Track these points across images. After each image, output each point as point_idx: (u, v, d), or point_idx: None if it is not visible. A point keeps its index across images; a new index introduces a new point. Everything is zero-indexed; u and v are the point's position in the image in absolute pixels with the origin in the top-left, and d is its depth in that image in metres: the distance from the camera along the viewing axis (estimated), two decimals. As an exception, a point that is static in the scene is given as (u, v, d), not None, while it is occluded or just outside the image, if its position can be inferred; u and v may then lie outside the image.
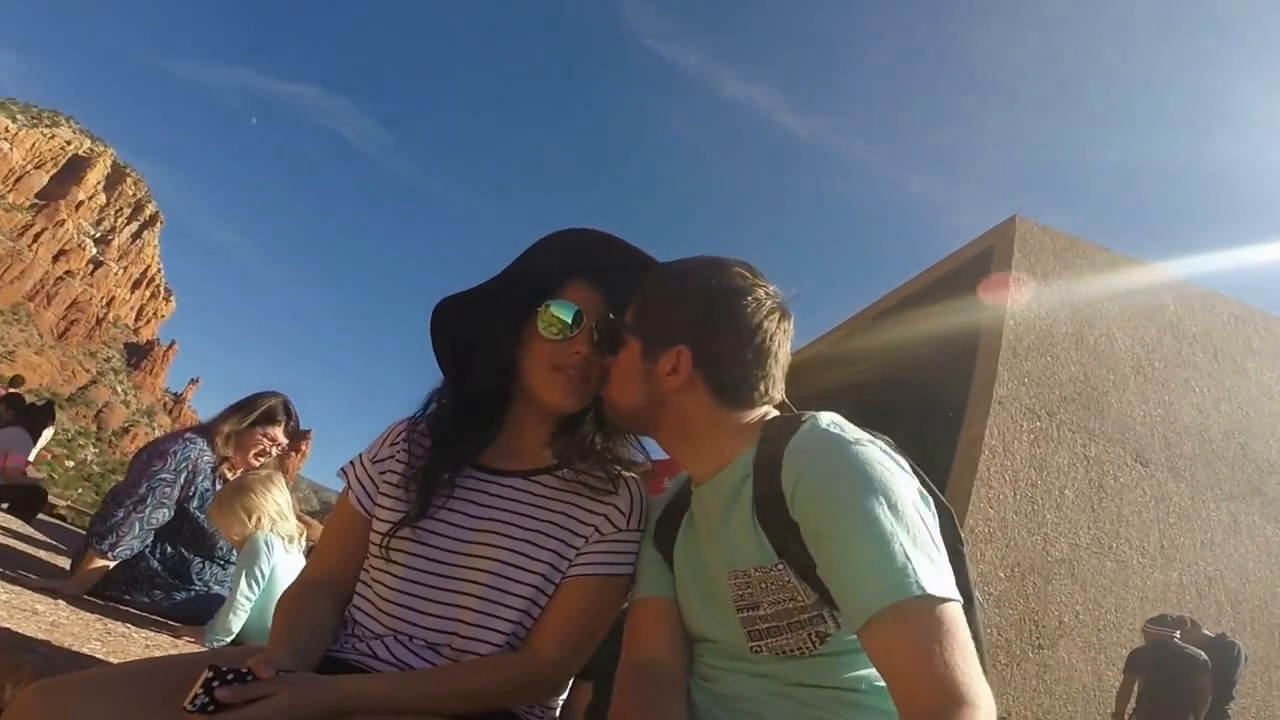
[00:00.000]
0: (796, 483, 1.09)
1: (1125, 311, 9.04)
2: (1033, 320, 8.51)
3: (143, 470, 3.00)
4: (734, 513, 1.21)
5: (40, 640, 1.80)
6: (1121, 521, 7.70)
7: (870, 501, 1.02)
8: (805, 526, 1.08)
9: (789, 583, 1.12)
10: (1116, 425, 8.31)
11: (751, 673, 1.19)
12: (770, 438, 1.21)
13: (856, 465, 1.06)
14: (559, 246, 1.46)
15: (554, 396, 1.41)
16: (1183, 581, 7.58)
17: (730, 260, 1.33)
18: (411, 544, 1.35)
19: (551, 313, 1.40)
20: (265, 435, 3.29)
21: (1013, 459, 7.73)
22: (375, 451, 1.49)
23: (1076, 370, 8.50)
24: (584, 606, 1.35)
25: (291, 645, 1.23)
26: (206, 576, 3.14)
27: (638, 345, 1.31)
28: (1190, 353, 8.99)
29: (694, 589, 1.30)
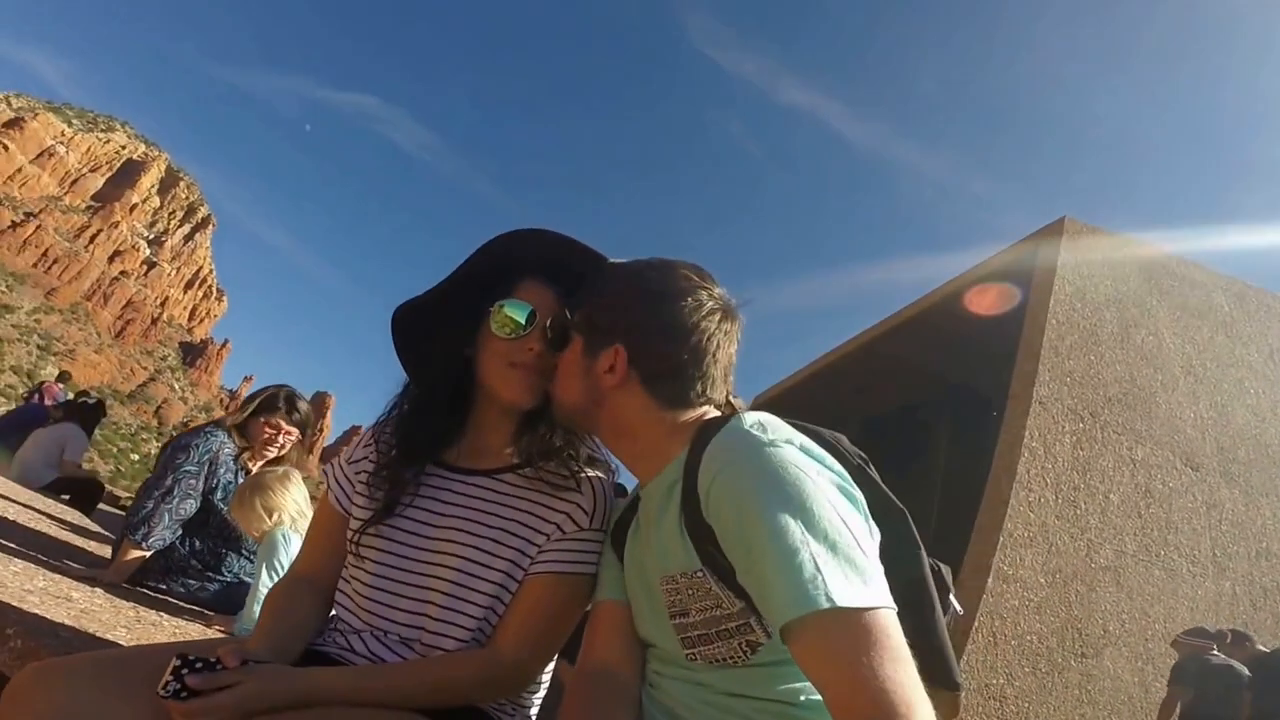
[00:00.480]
0: (710, 486, 1.08)
1: (1175, 310, 8.77)
2: (1077, 319, 8.26)
3: (168, 463, 3.15)
4: (666, 516, 1.20)
5: (66, 626, 1.86)
6: (1170, 528, 7.44)
7: (780, 508, 0.98)
8: (720, 531, 1.06)
9: (711, 590, 1.11)
10: (1165, 428, 8.03)
11: (689, 680, 1.19)
12: (700, 442, 1.19)
13: (769, 469, 1.02)
14: (510, 245, 1.47)
15: (510, 393, 1.44)
16: (1235, 592, 7.29)
17: (677, 262, 1.34)
18: (380, 541, 1.41)
19: (505, 312, 1.42)
20: (267, 424, 3.37)
21: (1054, 461, 7.50)
22: (351, 453, 1.56)
23: (1122, 370, 8.24)
24: (545, 604, 1.37)
25: (270, 638, 1.29)
26: (235, 568, 3.25)
27: (580, 343, 1.34)
28: (1245, 353, 8.68)
29: (640, 593, 1.30)
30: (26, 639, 1.68)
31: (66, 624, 1.88)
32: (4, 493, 4.62)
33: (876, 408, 12.21)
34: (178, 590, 3.11)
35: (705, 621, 1.12)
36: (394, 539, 1.41)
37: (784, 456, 1.04)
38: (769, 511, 0.98)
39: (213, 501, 3.22)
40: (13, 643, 1.67)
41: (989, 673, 6.20)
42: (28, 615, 1.84)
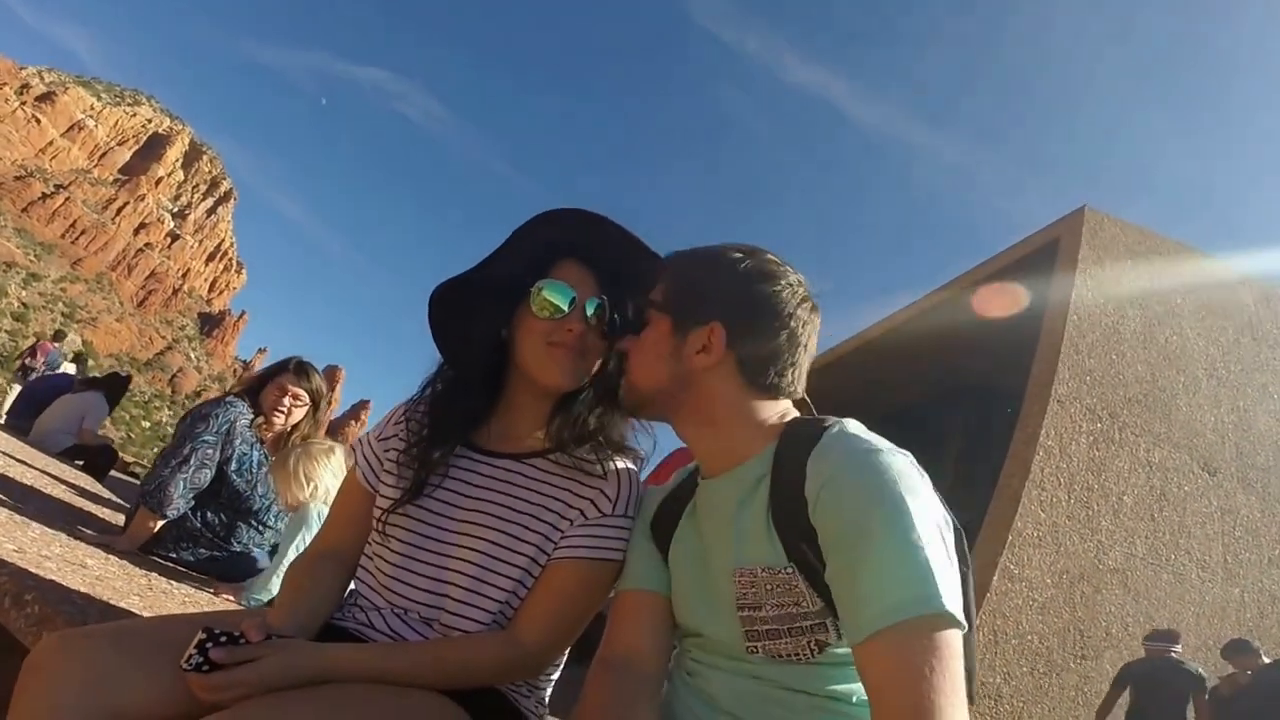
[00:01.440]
0: (821, 489, 1.07)
1: (1200, 310, 8.68)
2: (1098, 316, 8.16)
3: (187, 432, 3.16)
4: (747, 510, 1.20)
5: (80, 593, 1.88)
6: (1183, 532, 7.44)
7: (901, 512, 0.99)
8: (825, 532, 1.06)
9: (796, 587, 1.11)
10: (1184, 430, 7.98)
11: (742, 673, 1.18)
12: (792, 440, 1.19)
13: (888, 476, 1.03)
14: (550, 225, 1.46)
15: (550, 374, 1.43)
16: (1244, 599, 7.29)
17: (762, 248, 1.32)
18: (407, 520, 1.41)
19: (544, 293, 1.42)
20: (275, 385, 3.38)
21: (1069, 461, 7.45)
22: (381, 430, 1.56)
23: (1143, 370, 8.17)
24: (567, 589, 1.37)
25: (292, 612, 1.30)
26: (245, 539, 3.27)
27: (666, 322, 1.29)
28: (1270, 356, 8.61)
29: (691, 583, 1.29)
30: (43, 605, 1.68)
31: (81, 591, 1.89)
32: (22, 457, 4.72)
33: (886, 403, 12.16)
34: (187, 559, 3.15)
35: (779, 617, 1.13)
36: (420, 519, 1.41)
37: (899, 465, 1.05)
38: (892, 515, 0.99)
39: (227, 472, 3.22)
40: (30, 609, 1.69)
41: (987, 671, 6.24)
42: (44, 581, 1.85)
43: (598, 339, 1.44)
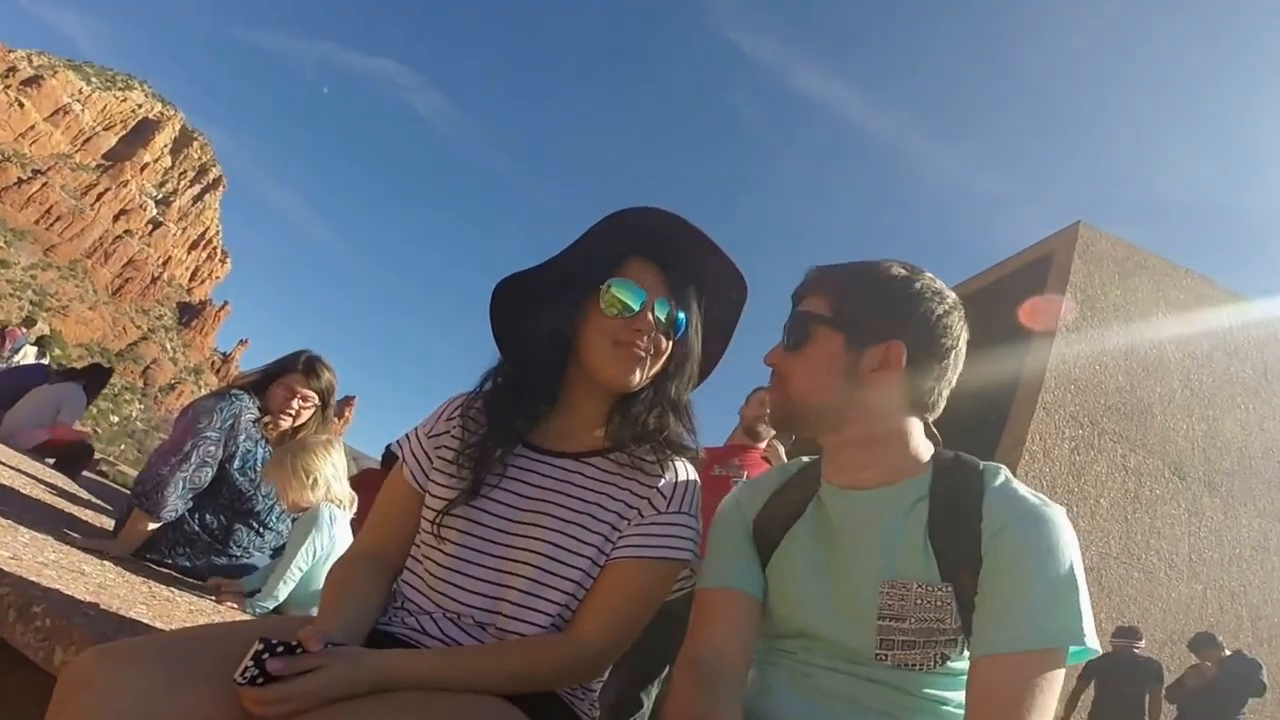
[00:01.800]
0: (1002, 530, 1.15)
1: (1179, 325, 9.13)
2: (1086, 328, 8.61)
3: (188, 428, 2.96)
4: (902, 527, 1.24)
5: (89, 603, 1.79)
6: (1153, 533, 7.91)
7: (1063, 561, 1.12)
8: (996, 564, 1.14)
9: (947, 605, 1.17)
10: (1158, 437, 8.46)
11: (862, 675, 1.23)
12: (951, 474, 1.26)
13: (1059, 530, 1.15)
14: (623, 224, 1.45)
15: (615, 373, 1.40)
16: (1206, 595, 7.79)
17: (919, 266, 1.34)
18: (463, 521, 1.37)
19: (614, 291, 1.40)
20: (281, 386, 3.16)
21: (1052, 465, 7.89)
22: (431, 426, 1.51)
23: (1124, 380, 8.62)
24: (626, 589, 1.35)
25: (340, 619, 1.25)
26: (245, 542, 3.07)
27: (838, 338, 1.29)
28: (1240, 369, 9.14)
29: (811, 586, 1.30)
30: (54, 618, 1.57)
31: (88, 600, 1.79)
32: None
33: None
34: (182, 564, 2.91)
35: (919, 630, 1.18)
36: (478, 520, 1.37)
37: (1063, 523, 1.17)
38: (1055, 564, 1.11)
39: (229, 471, 3.01)
40: (39, 621, 1.57)
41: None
42: (50, 591, 1.74)
43: (664, 340, 1.43)
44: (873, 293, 1.30)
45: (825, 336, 1.30)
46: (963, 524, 1.19)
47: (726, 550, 1.39)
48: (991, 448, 8.12)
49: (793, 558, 1.33)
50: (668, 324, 1.43)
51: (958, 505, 1.21)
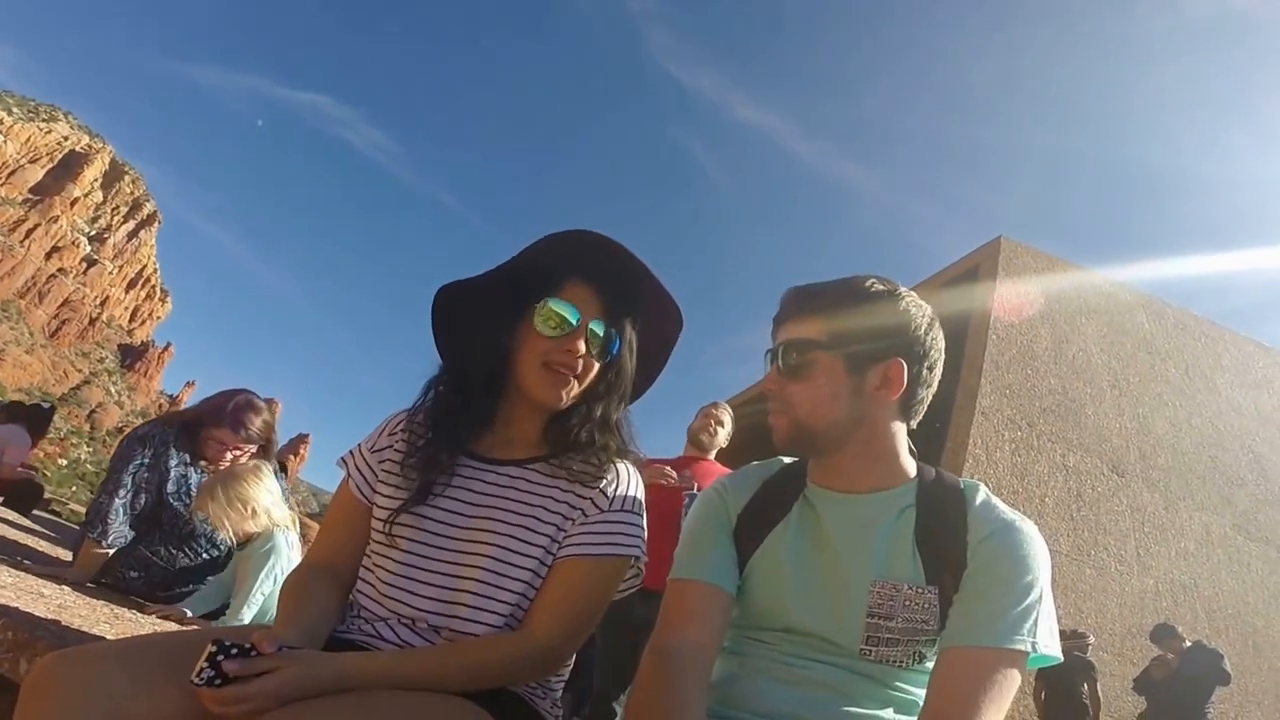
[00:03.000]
0: (987, 538, 1.21)
1: (1102, 328, 9.22)
2: (1014, 335, 8.64)
3: (124, 456, 2.96)
4: (892, 531, 1.27)
5: (50, 620, 1.79)
6: (1100, 529, 7.81)
7: (1033, 571, 1.18)
8: (977, 567, 1.20)
9: (929, 606, 1.21)
10: (1094, 436, 8.43)
11: (845, 668, 1.24)
12: (935, 488, 1.31)
13: (1035, 543, 1.21)
14: (561, 245, 1.43)
15: (542, 393, 1.40)
16: (1159, 589, 7.69)
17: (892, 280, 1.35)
18: (411, 530, 1.36)
19: (550, 309, 1.39)
20: (211, 438, 3.06)
21: (995, 468, 7.80)
22: (374, 441, 1.50)
23: (1055, 383, 8.63)
24: (573, 586, 1.34)
25: (297, 625, 1.23)
26: (191, 566, 3.02)
27: (838, 361, 1.28)
28: (1164, 368, 9.16)
29: (800, 583, 1.30)
30: (18, 631, 1.59)
31: (50, 618, 1.80)
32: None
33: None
34: (139, 586, 2.92)
35: (905, 629, 1.21)
36: (426, 528, 1.36)
37: (1038, 537, 1.23)
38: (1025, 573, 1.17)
39: (164, 496, 2.97)
40: (3, 634, 1.59)
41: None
42: (11, 609, 1.75)
43: (595, 361, 1.42)
44: (864, 314, 1.30)
45: (826, 362, 1.29)
46: (949, 533, 1.23)
47: (704, 543, 1.38)
48: (938, 453, 8.05)
49: (779, 555, 1.33)
50: (601, 345, 1.41)
51: (944, 516, 1.25)
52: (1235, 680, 6.79)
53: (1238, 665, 7.04)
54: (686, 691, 1.17)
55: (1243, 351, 9.66)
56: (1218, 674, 6.55)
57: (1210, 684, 6.57)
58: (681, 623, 1.29)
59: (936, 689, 1.13)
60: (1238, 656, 7.42)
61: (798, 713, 1.21)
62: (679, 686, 1.17)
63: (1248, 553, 8.32)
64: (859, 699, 1.22)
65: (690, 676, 1.20)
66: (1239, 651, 7.55)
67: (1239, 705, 7.40)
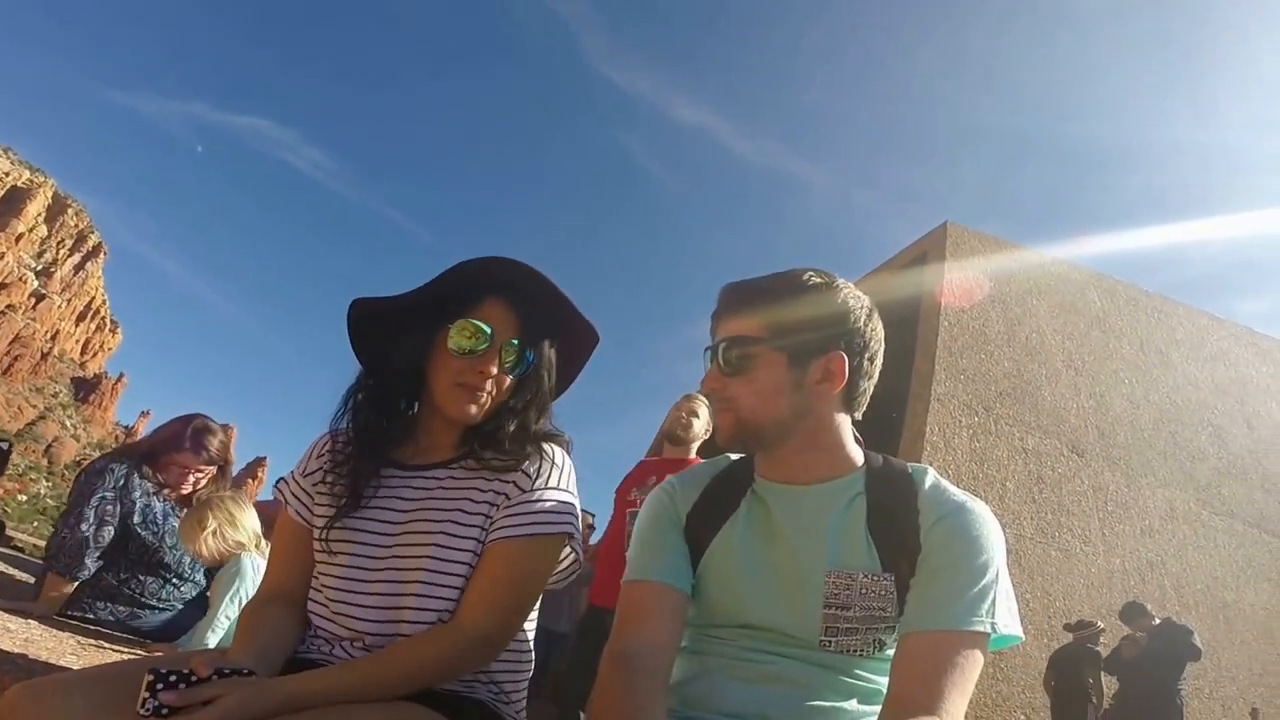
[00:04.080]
0: (938, 521, 1.20)
1: (1053, 308, 9.02)
2: (966, 320, 8.42)
3: (84, 489, 2.96)
4: (844, 520, 1.25)
5: (17, 654, 1.82)
6: (1062, 511, 7.53)
7: (986, 551, 1.17)
8: (931, 549, 1.19)
9: (886, 593, 1.19)
10: (1051, 418, 8.19)
11: (807, 660, 1.22)
12: (883, 474, 1.30)
13: (986, 522, 1.21)
14: (476, 267, 1.43)
15: (454, 410, 1.41)
16: (1125, 568, 7.42)
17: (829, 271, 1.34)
18: (346, 542, 1.38)
19: (459, 332, 1.39)
20: (173, 463, 3.12)
21: (954, 454, 7.53)
22: (304, 465, 1.52)
23: (1010, 366, 8.40)
24: (499, 570, 1.33)
25: (247, 649, 1.25)
26: (164, 594, 3.06)
27: (780, 356, 1.27)
28: (1118, 346, 8.97)
29: (754, 579, 1.28)
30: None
31: (17, 651, 1.82)
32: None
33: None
34: (106, 619, 2.92)
35: (863, 618, 1.19)
36: (360, 539, 1.37)
37: (989, 517, 1.22)
38: (979, 553, 1.16)
39: (130, 526, 2.98)
40: None
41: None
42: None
43: (506, 378, 1.42)
44: (803, 307, 1.29)
45: (767, 357, 1.29)
46: (901, 518, 1.23)
47: (655, 544, 1.36)
48: (896, 443, 7.76)
49: (731, 551, 1.31)
50: (514, 360, 1.42)
51: (894, 502, 1.25)
52: (1209, 656, 6.58)
53: (1209, 640, 6.82)
54: (647, 694, 1.13)
55: (1196, 325, 9.53)
56: (1188, 649, 6.32)
57: (1181, 660, 6.35)
58: (638, 624, 1.26)
59: (899, 675, 1.11)
60: (1209, 631, 7.19)
61: (761, 710, 1.18)
62: (639, 689, 1.14)
63: (1213, 527, 8.11)
64: (821, 691, 1.20)
65: (650, 678, 1.17)
66: (1210, 626, 7.31)
67: (1213, 681, 7.14)
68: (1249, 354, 9.74)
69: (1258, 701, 7.21)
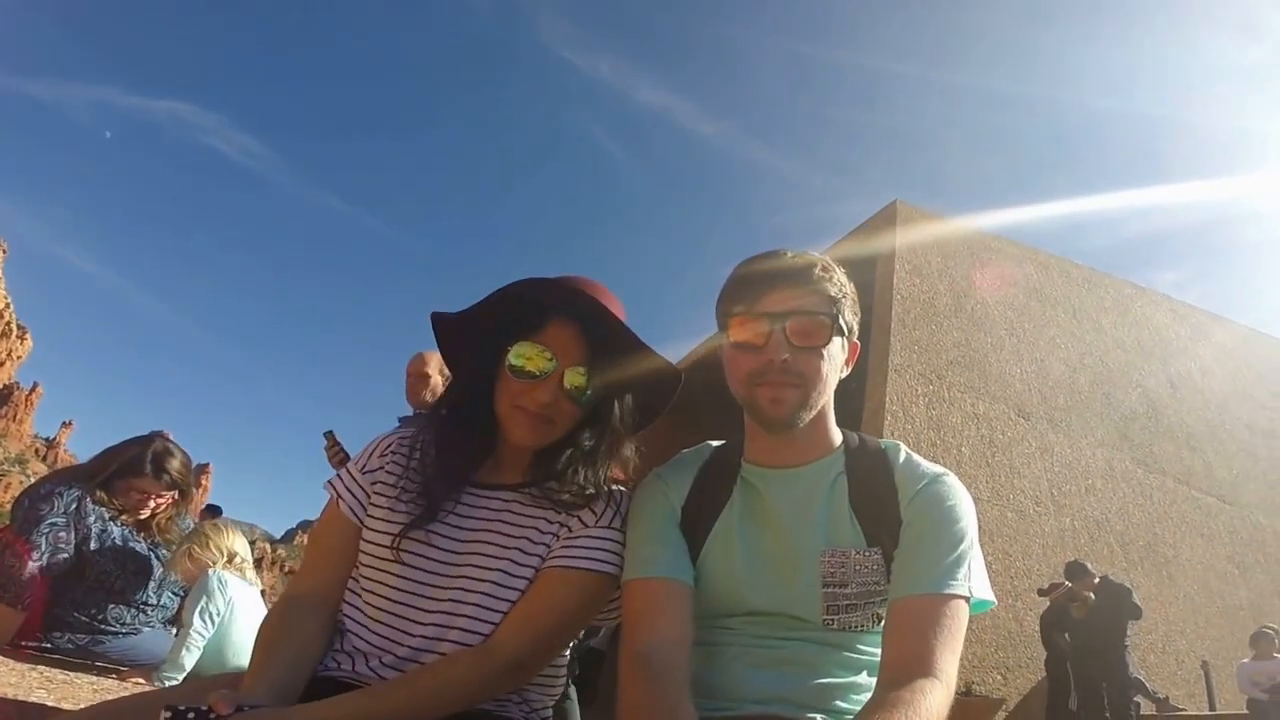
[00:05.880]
0: (916, 494, 1.21)
1: (994, 280, 9.20)
2: (917, 294, 8.58)
3: (29, 516, 2.75)
4: (830, 500, 1.26)
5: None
6: (1014, 473, 7.72)
7: (960, 519, 1.18)
8: (913, 519, 1.20)
9: (878, 567, 1.20)
10: (998, 384, 8.39)
11: (812, 641, 1.22)
12: (860, 452, 1.30)
13: (958, 492, 1.22)
14: (548, 286, 1.36)
15: (514, 434, 1.34)
16: (1075, 526, 7.65)
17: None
18: (408, 554, 1.31)
19: (520, 349, 1.32)
20: (132, 489, 2.92)
21: (912, 422, 7.69)
22: (364, 463, 1.44)
23: (959, 336, 8.60)
24: (543, 597, 1.29)
25: (268, 676, 1.18)
26: (127, 619, 2.89)
27: (839, 337, 1.26)
28: (1054, 314, 9.26)
29: (755, 566, 1.27)
30: None
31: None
32: None
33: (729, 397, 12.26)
34: (65, 647, 2.75)
35: (860, 594, 1.20)
36: (427, 555, 1.31)
37: (960, 487, 1.23)
38: (955, 522, 1.18)
39: (86, 552, 2.78)
40: None
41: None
42: None
43: (570, 406, 1.32)
44: (847, 290, 1.30)
45: (833, 335, 1.26)
46: (880, 494, 1.24)
47: (656, 539, 1.32)
48: (858, 414, 7.83)
49: (731, 542, 1.29)
50: (576, 391, 1.32)
51: (873, 479, 1.26)
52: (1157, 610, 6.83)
53: (1155, 596, 7.09)
54: (675, 695, 1.11)
55: (1122, 293, 9.92)
56: (1130, 610, 6.43)
57: (1123, 620, 6.44)
58: (652, 622, 1.22)
59: (891, 639, 1.11)
60: (1155, 587, 7.49)
61: (779, 694, 1.17)
62: (667, 689, 1.11)
63: (1149, 485, 8.46)
64: (830, 669, 1.20)
65: (673, 677, 1.14)
66: (1155, 582, 7.62)
67: (1164, 636, 7.43)
68: (1168, 318, 10.22)
69: (1205, 654, 7.53)
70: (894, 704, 1.01)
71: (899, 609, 1.13)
